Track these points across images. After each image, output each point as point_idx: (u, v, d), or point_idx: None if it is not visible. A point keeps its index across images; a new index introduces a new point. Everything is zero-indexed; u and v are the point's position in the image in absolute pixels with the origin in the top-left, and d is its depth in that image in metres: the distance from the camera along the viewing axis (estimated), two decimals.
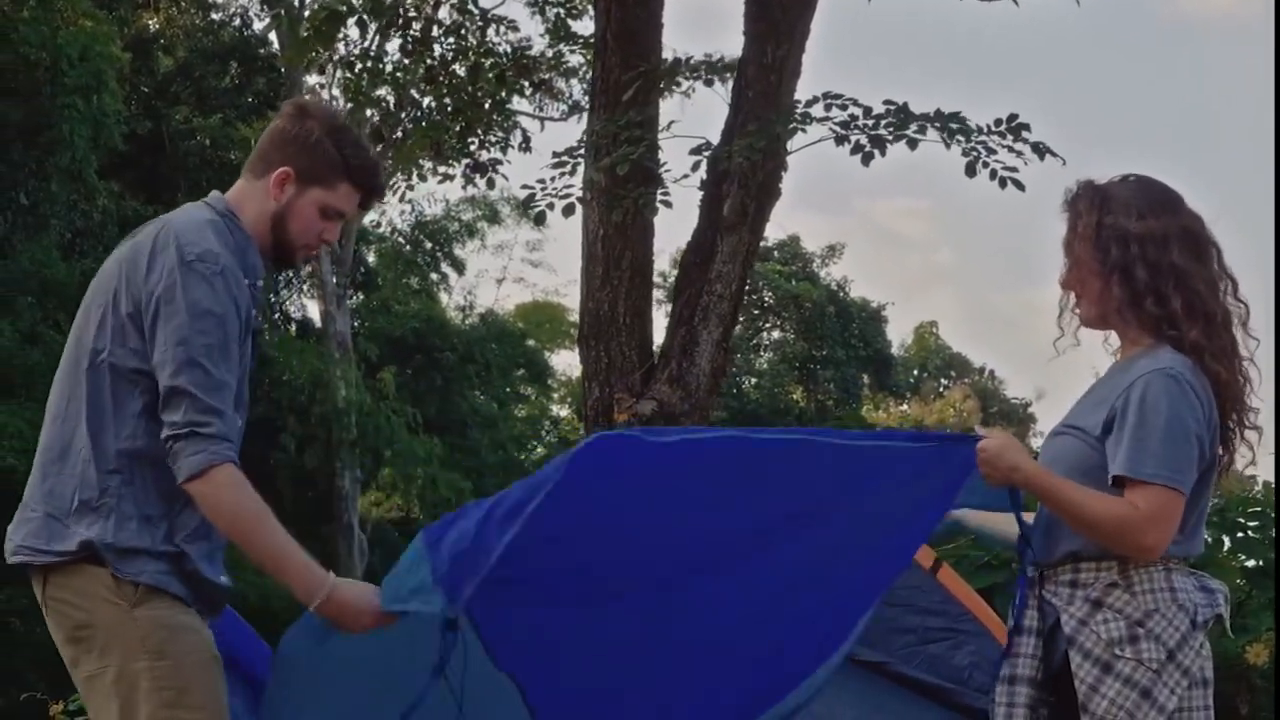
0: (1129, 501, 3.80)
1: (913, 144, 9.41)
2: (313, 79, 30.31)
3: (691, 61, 11.08)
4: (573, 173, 10.08)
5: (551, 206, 9.93)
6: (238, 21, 32.68)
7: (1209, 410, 3.88)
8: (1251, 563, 11.03)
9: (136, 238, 3.92)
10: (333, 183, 3.99)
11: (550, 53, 13.85)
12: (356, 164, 4.02)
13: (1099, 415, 3.93)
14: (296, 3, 30.62)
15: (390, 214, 37.38)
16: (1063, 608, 3.88)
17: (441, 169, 12.23)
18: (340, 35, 11.67)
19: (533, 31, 36.72)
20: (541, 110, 24.02)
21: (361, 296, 35.42)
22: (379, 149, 12.62)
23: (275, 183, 3.96)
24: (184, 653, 3.76)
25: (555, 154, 10.09)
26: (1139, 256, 3.92)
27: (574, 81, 20.88)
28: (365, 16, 10.59)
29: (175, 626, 3.76)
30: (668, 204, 9.88)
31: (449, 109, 12.15)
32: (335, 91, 31.96)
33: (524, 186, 10.12)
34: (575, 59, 14.19)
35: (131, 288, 3.78)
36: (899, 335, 52.95)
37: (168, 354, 3.68)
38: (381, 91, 12.89)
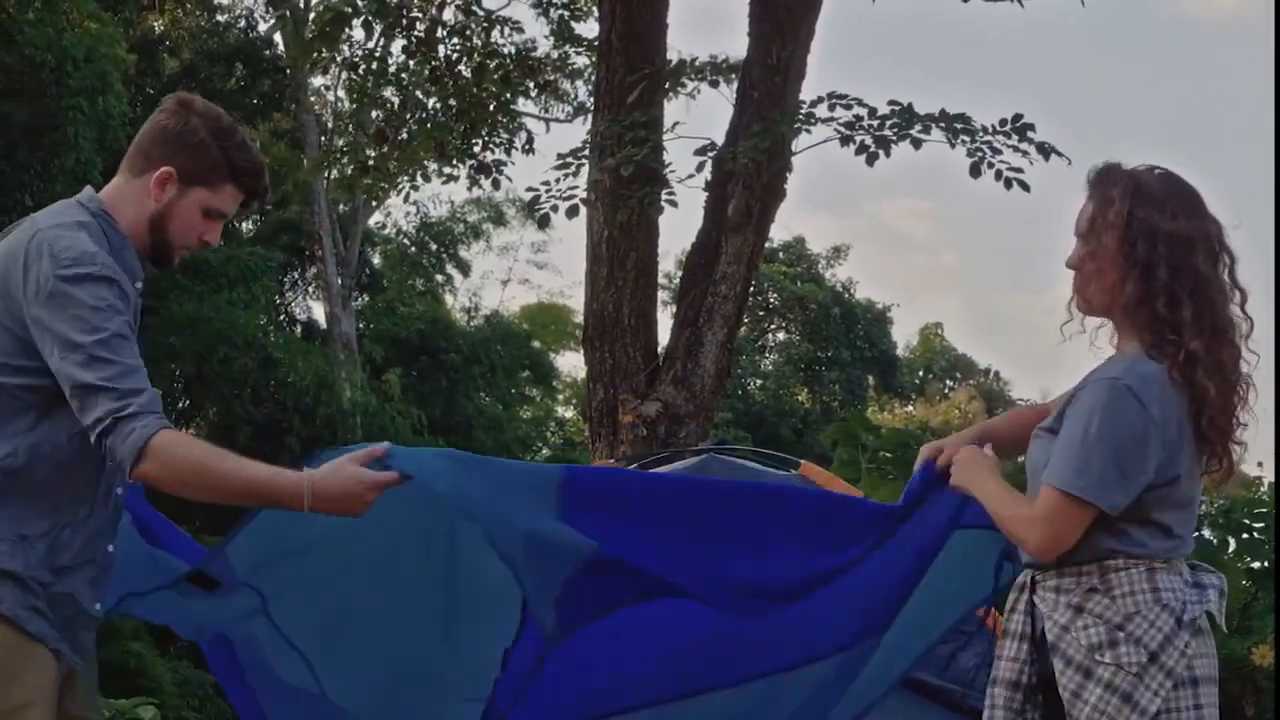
0: (1028, 500, 3.85)
1: (917, 144, 9.43)
2: (318, 80, 30.39)
3: (696, 63, 11.09)
4: (577, 174, 10.10)
5: (555, 208, 9.94)
6: (243, 23, 32.75)
7: (1163, 424, 3.78)
8: (1257, 564, 11.03)
9: (7, 242, 3.80)
10: (216, 184, 3.88)
11: (555, 54, 13.87)
12: (242, 166, 3.90)
13: (1055, 422, 3.95)
14: (301, 4, 30.72)
15: (395, 215, 37.41)
16: (1047, 614, 3.86)
17: (446, 170, 12.22)
18: (345, 36, 11.64)
19: (537, 33, 36.78)
20: (547, 111, 24.05)
21: (366, 298, 35.43)
22: (384, 149, 12.60)
23: (156, 182, 3.84)
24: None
25: (560, 155, 10.11)
26: (1164, 257, 3.83)
27: (579, 83, 20.91)
28: (370, 18, 10.60)
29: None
30: (673, 203, 9.90)
31: (453, 110, 12.15)
32: (340, 92, 32.15)
33: (529, 189, 10.14)
34: (581, 60, 14.21)
35: (10, 303, 3.68)
36: (904, 337, 52.94)
37: (66, 359, 3.58)
38: (386, 92, 12.89)
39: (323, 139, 31.76)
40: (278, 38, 31.51)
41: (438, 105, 12.42)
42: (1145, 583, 3.81)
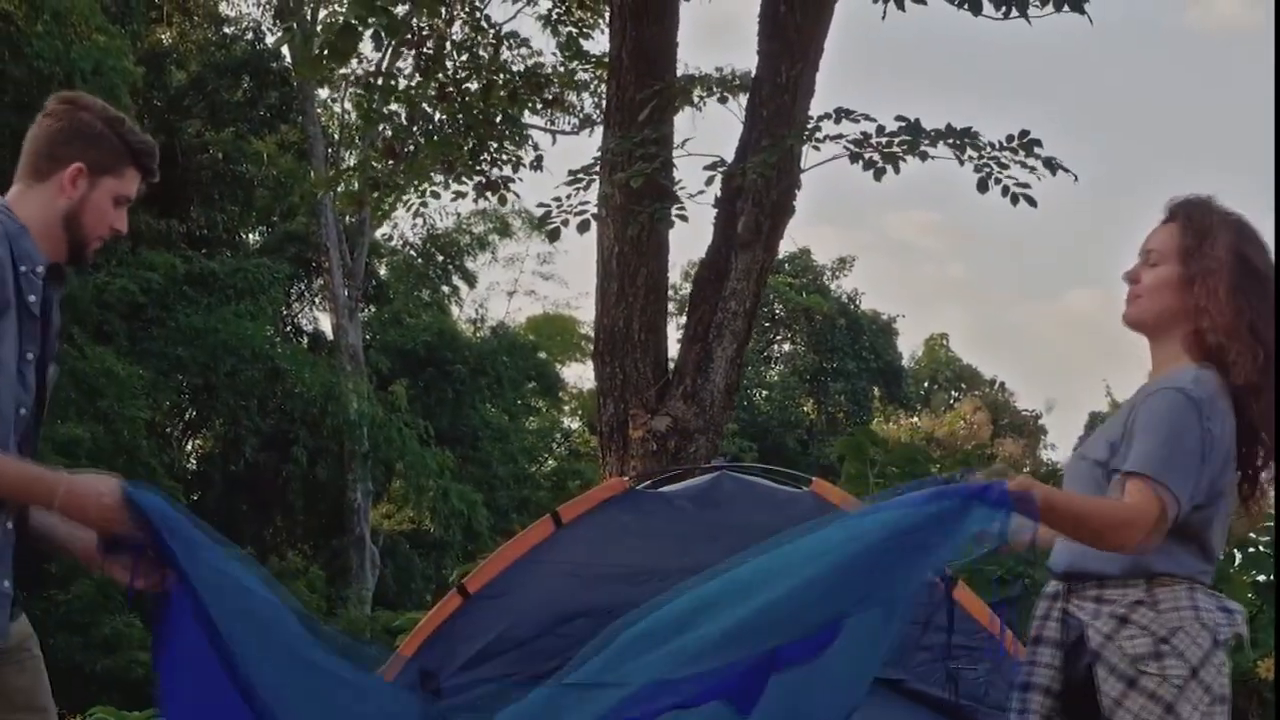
0: (1118, 498, 3.89)
1: (924, 157, 9.47)
2: (324, 92, 30.46)
3: (704, 76, 11.13)
4: (588, 188, 10.14)
5: (566, 223, 9.99)
6: (250, 36, 32.80)
7: (1219, 441, 3.93)
8: (1262, 578, 11.04)
9: None
10: (120, 170, 3.95)
11: (562, 68, 13.91)
12: (139, 148, 3.99)
13: (1113, 436, 4.03)
14: (308, 16, 30.76)
15: (402, 227, 37.44)
16: (1089, 622, 3.95)
17: (455, 186, 12.26)
18: (355, 51, 11.69)
19: (543, 45, 36.83)
20: (553, 124, 24.10)
21: (373, 309, 35.50)
22: (390, 164, 12.65)
23: (68, 180, 3.88)
24: None
25: (571, 171, 10.16)
26: (1257, 293, 4.05)
27: (585, 95, 20.96)
28: (381, 32, 10.65)
29: None
30: (683, 218, 9.95)
31: (460, 126, 12.19)
32: (347, 104, 32.20)
33: (540, 204, 10.20)
34: (586, 72, 14.24)
35: None
36: (909, 348, 52.97)
37: None
38: (394, 106, 12.93)
39: (329, 151, 31.82)
40: (284, 50, 31.62)
41: (444, 119, 12.46)
42: (1188, 600, 3.93)
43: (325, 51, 10.74)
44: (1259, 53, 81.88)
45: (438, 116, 12.50)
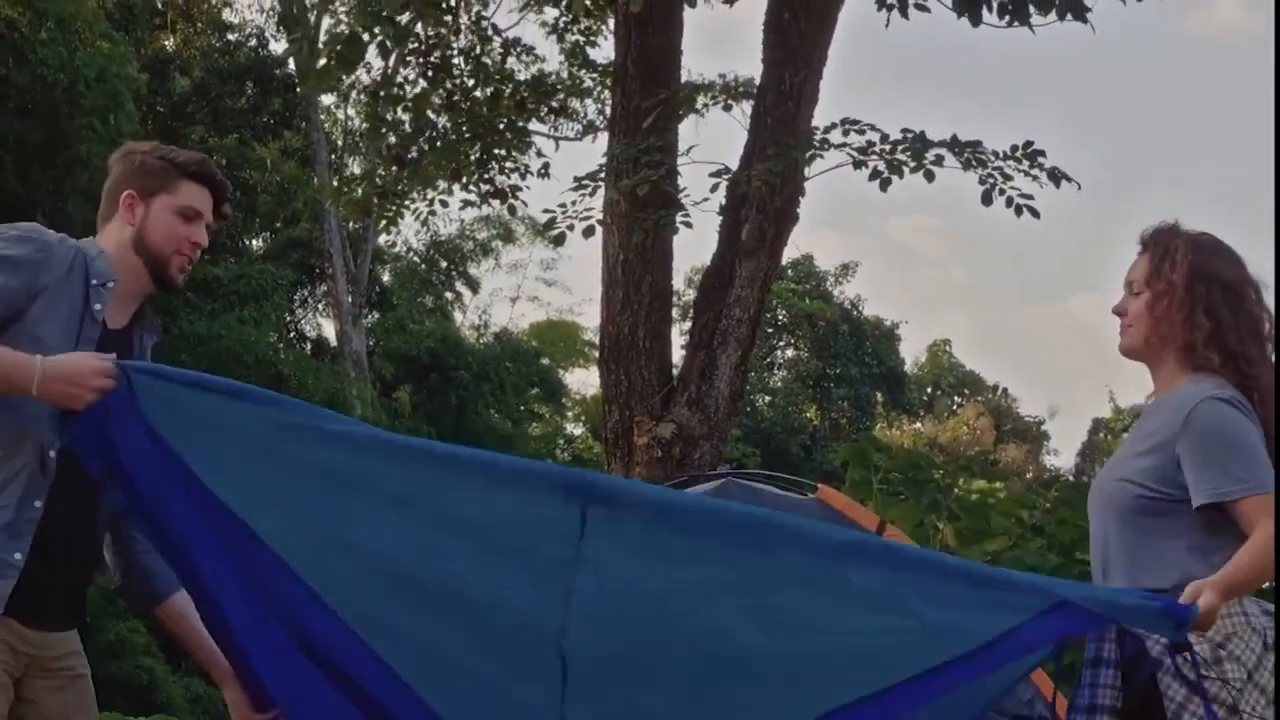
0: (1253, 538, 4.01)
1: (930, 176, 9.52)
2: (328, 99, 30.49)
3: (708, 83, 11.16)
4: (593, 195, 10.20)
5: (572, 228, 10.05)
6: (254, 42, 32.83)
7: (1259, 432, 4.14)
8: (1266, 585, 11.07)
9: None
10: (173, 185, 4.17)
11: (566, 75, 13.95)
12: (183, 160, 4.21)
13: (1149, 458, 4.21)
14: (312, 23, 30.81)
15: (405, 233, 37.48)
16: (1146, 635, 4.04)
17: (463, 195, 12.31)
18: (362, 60, 11.73)
19: (548, 51, 36.88)
20: (556, 130, 24.14)
21: (377, 315, 35.54)
22: (395, 171, 12.67)
23: (124, 209, 4.16)
24: None
25: (576, 178, 10.21)
26: (1222, 300, 4.26)
27: (588, 101, 21.00)
28: (388, 41, 10.68)
29: None
30: (688, 224, 10.01)
31: (466, 134, 12.22)
32: (350, 111, 32.28)
33: (545, 210, 10.25)
34: (590, 78, 14.27)
35: None
36: (912, 353, 52.97)
37: None
38: (401, 115, 12.96)
39: (333, 157, 31.87)
40: (289, 57, 31.65)
41: (448, 126, 12.49)
42: (1238, 607, 4.06)
43: (332, 61, 10.76)
44: (1260, 58, 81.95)
45: (442, 122, 12.53)
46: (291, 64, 30.71)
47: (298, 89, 30.06)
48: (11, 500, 3.90)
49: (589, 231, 10.00)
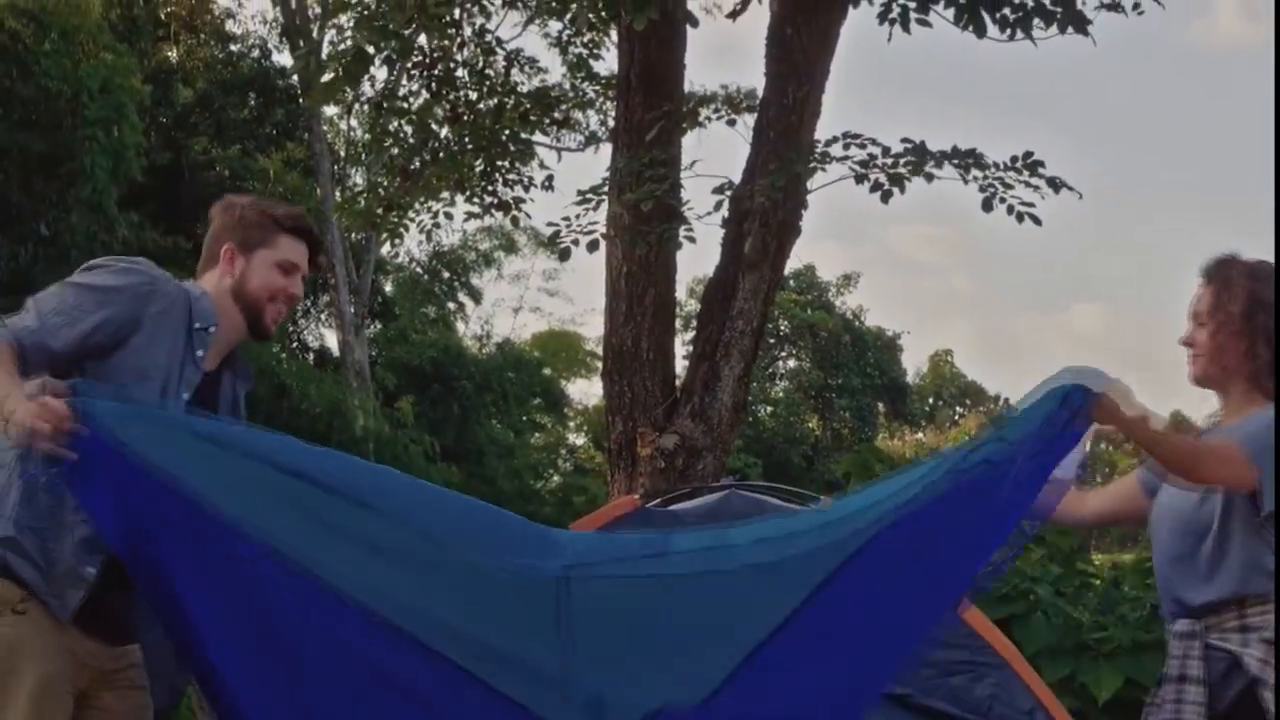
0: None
1: (929, 178, 9.56)
2: (330, 109, 30.54)
3: (710, 95, 11.17)
4: (597, 209, 10.25)
5: (576, 242, 10.10)
6: (256, 53, 32.87)
7: None
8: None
9: None
10: (272, 240, 4.39)
11: (569, 87, 13.98)
12: (282, 216, 4.43)
13: None
14: (314, 35, 30.86)
15: (408, 244, 37.50)
16: (1240, 650, 4.13)
17: (466, 208, 12.35)
18: (367, 75, 11.79)
19: (550, 62, 36.91)
20: (558, 141, 24.21)
21: (379, 326, 35.55)
22: (399, 182, 12.72)
23: (225, 260, 4.38)
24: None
25: (580, 192, 10.26)
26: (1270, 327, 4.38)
27: (590, 112, 21.05)
28: (393, 55, 10.74)
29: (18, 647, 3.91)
30: (691, 238, 10.06)
31: (469, 147, 12.26)
32: (353, 122, 32.33)
33: (549, 224, 10.29)
34: (592, 90, 14.30)
35: None
36: (914, 364, 53.14)
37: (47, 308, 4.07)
38: (405, 127, 13.00)
39: (335, 168, 31.91)
40: (290, 68, 31.68)
41: (451, 137, 12.52)
42: None
43: (339, 75, 10.82)
44: (1261, 66, 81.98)
45: (444, 133, 12.56)
46: (295, 76, 30.84)
47: (300, 100, 30.11)
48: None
49: (593, 245, 10.06)
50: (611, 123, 14.89)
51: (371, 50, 10.73)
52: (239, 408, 4.45)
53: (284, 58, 32.76)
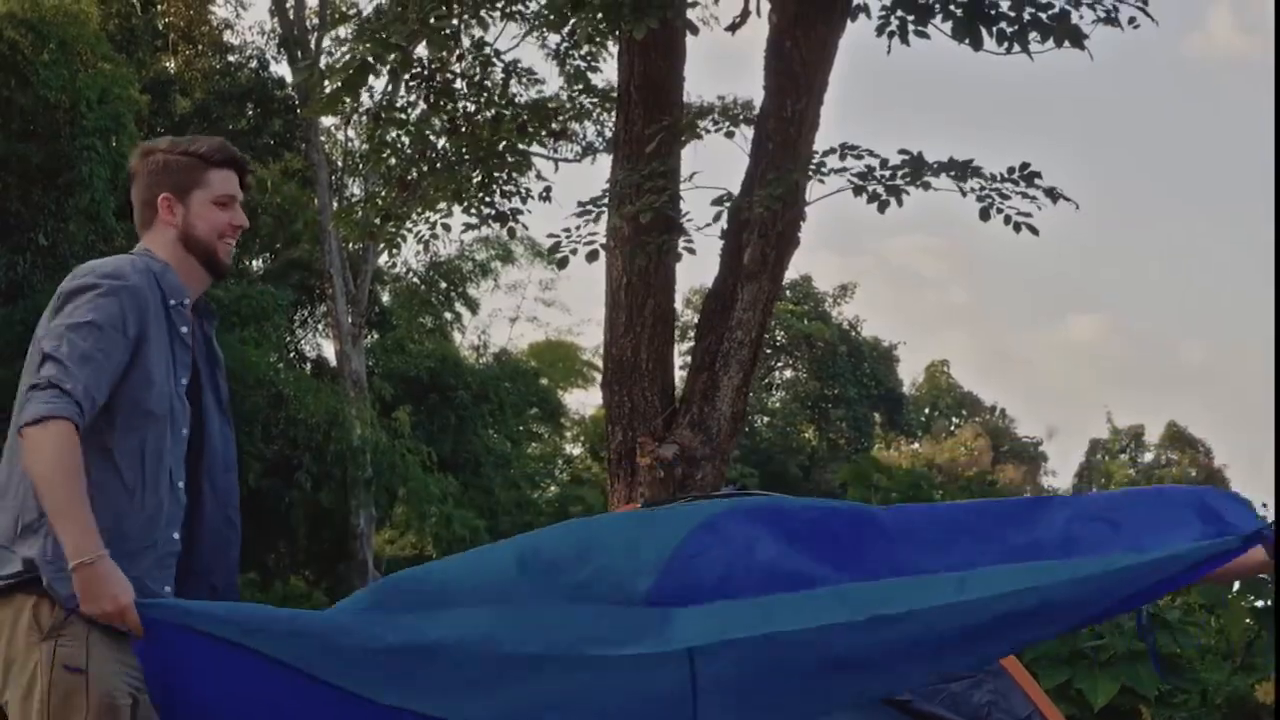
0: None
1: (926, 186, 9.64)
2: (328, 120, 30.60)
3: (709, 106, 11.21)
4: (596, 220, 10.31)
5: (575, 253, 10.16)
6: (254, 64, 32.92)
7: None
8: (1260, 603, 11.18)
9: None
10: (203, 178, 4.29)
11: (567, 98, 14.03)
12: (206, 150, 4.32)
13: None
14: (313, 46, 30.93)
15: (405, 254, 37.52)
16: None
17: (464, 219, 12.38)
18: (367, 86, 11.85)
19: (547, 72, 36.94)
20: (555, 152, 24.27)
21: (376, 336, 35.59)
22: (400, 194, 12.75)
23: (164, 210, 4.28)
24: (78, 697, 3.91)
25: (580, 203, 10.33)
26: None
27: (587, 123, 21.09)
28: (395, 67, 10.80)
29: (78, 666, 3.92)
30: (691, 250, 10.12)
31: (466, 157, 12.30)
32: (350, 133, 32.39)
33: (549, 235, 10.36)
34: (589, 99, 14.33)
35: (42, 327, 4.08)
36: (910, 374, 53.17)
37: (48, 336, 3.97)
38: (402, 138, 13.03)
39: (333, 178, 31.97)
40: (290, 80, 31.75)
41: (448, 148, 12.55)
42: None
43: (341, 86, 10.89)
44: (1256, 76, 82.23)
45: (441, 144, 12.60)
46: (292, 86, 30.89)
47: (298, 110, 30.16)
48: (157, 539, 4.04)
49: (592, 256, 10.12)
50: (609, 133, 14.91)
51: (373, 61, 10.80)
52: (213, 346, 4.40)
53: (282, 68, 32.85)
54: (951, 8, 10.00)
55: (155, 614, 3.79)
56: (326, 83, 11.47)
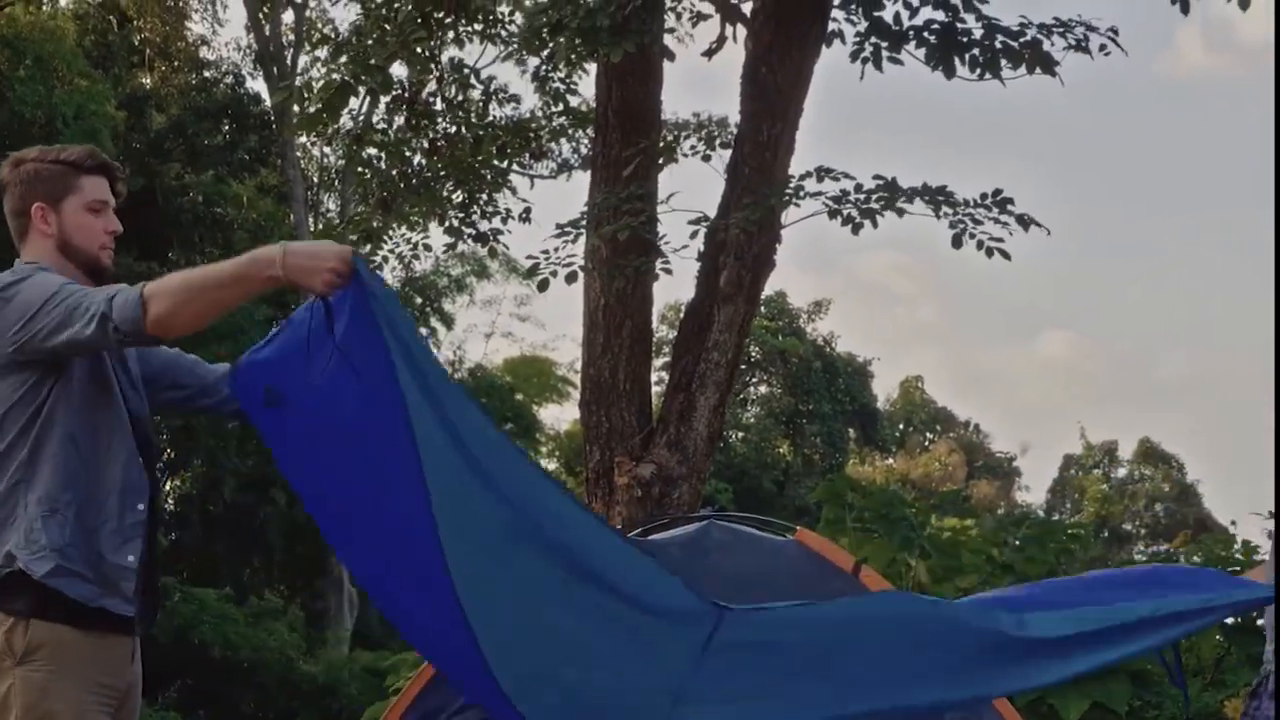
0: None
1: (900, 212, 9.76)
2: (304, 137, 30.63)
3: (684, 122, 11.29)
4: (575, 241, 10.40)
5: (554, 274, 10.24)
6: (230, 79, 32.95)
7: None
8: (1230, 620, 11.28)
9: None
10: (74, 184, 4.32)
11: (544, 119, 14.11)
12: (75, 157, 4.35)
13: None
14: (288, 62, 30.98)
15: (383, 271, 37.50)
16: None
17: (444, 240, 12.47)
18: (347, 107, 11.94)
19: (523, 89, 37.03)
20: (531, 168, 24.32)
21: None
22: (380, 212, 12.81)
23: (38, 221, 4.30)
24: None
25: (558, 225, 10.43)
26: None
27: (562, 140, 21.13)
28: (375, 89, 10.90)
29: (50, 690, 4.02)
30: (668, 271, 10.24)
31: (444, 176, 12.38)
32: (327, 149, 32.44)
33: (529, 257, 10.45)
34: (565, 121, 14.42)
35: None
36: (885, 390, 53.26)
37: (47, 317, 4.03)
38: (379, 156, 13.11)
39: (309, 194, 32.02)
40: (265, 94, 31.77)
41: (425, 165, 12.61)
42: None
43: (321, 107, 10.98)
44: (1228, 94, 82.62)
45: (417, 160, 12.66)
46: (268, 102, 30.93)
47: (273, 125, 30.19)
48: (120, 507, 4.16)
49: (572, 278, 10.21)
50: (584, 150, 14.99)
51: (353, 82, 10.89)
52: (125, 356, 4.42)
53: (258, 84, 32.89)
54: (925, 35, 10.13)
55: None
56: (307, 102, 11.54)
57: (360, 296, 3.86)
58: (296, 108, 11.66)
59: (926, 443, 51.92)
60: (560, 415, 43.66)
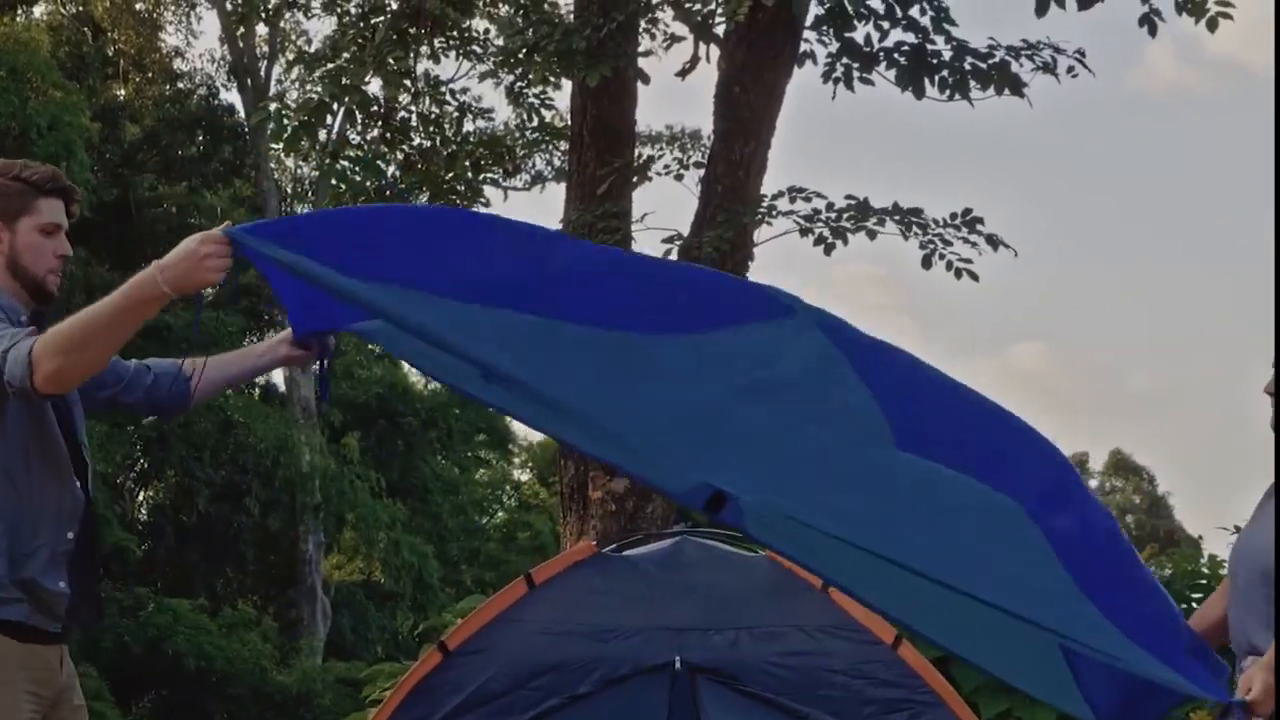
0: None
1: (872, 235, 9.91)
2: (279, 150, 30.68)
3: (656, 135, 11.38)
4: None
5: None
6: (204, 91, 32.99)
7: None
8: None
9: None
10: (31, 205, 4.27)
11: (518, 133, 14.22)
12: (36, 179, 4.30)
13: None
14: (262, 75, 31.04)
15: None
16: None
17: None
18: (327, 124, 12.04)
19: (495, 101, 37.07)
20: (504, 180, 24.43)
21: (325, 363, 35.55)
22: None
23: None
24: None
25: None
26: None
27: (535, 153, 21.26)
28: (353, 107, 11.00)
29: None
30: None
31: (419, 193, 12.47)
32: (301, 161, 32.47)
33: None
34: (538, 134, 14.52)
35: None
36: None
37: None
38: (353, 165, 13.17)
39: (282, 205, 32.04)
40: (238, 102, 31.85)
41: (400, 179, 12.69)
42: None
43: (299, 125, 11.08)
44: (1201, 108, 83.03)
45: (392, 171, 12.74)
46: (242, 113, 30.98)
47: (246, 136, 30.24)
48: (52, 533, 4.19)
49: None
50: (558, 163, 15.07)
51: (330, 101, 11.00)
52: None
53: (232, 96, 32.93)
54: (895, 56, 10.29)
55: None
56: (286, 121, 11.62)
57: (262, 261, 3.91)
58: (273, 125, 11.70)
59: None
60: None
